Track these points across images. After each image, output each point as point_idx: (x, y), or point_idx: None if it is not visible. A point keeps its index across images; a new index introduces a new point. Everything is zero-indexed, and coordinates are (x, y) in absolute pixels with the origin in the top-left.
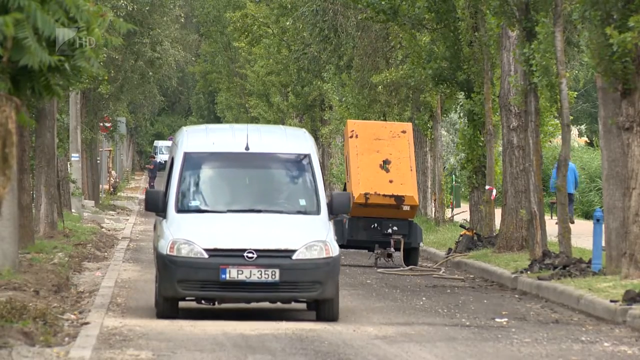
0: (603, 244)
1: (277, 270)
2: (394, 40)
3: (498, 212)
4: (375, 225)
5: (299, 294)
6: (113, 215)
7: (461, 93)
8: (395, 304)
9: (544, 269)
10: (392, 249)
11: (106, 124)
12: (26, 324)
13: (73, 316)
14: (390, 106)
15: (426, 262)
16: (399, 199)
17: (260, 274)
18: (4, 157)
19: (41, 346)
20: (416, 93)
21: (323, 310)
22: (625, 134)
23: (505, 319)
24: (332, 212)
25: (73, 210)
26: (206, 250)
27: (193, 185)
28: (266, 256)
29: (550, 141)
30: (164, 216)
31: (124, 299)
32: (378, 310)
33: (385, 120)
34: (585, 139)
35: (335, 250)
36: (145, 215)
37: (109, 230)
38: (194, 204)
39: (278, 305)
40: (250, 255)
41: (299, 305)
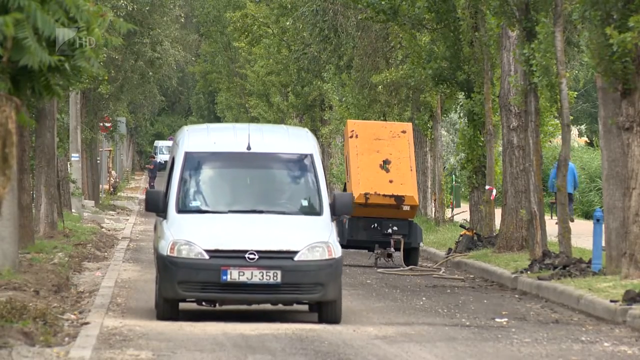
0: (603, 244)
1: (279, 272)
2: (394, 40)
3: (498, 212)
4: (375, 225)
5: (300, 295)
6: (113, 215)
7: (461, 93)
8: (395, 304)
9: (544, 269)
10: (392, 249)
11: (106, 124)
12: (26, 324)
13: (73, 316)
14: (390, 106)
15: (426, 262)
16: (399, 199)
17: (262, 276)
18: (4, 157)
19: (41, 346)
20: (416, 93)
21: (325, 312)
22: (625, 134)
23: (505, 319)
24: (335, 213)
25: (73, 210)
26: (207, 251)
27: (194, 185)
28: (268, 257)
29: (550, 141)
30: (165, 216)
31: (124, 299)
32: (378, 310)
33: (385, 120)
34: (585, 139)
35: (337, 252)
36: (145, 215)
37: (109, 230)
38: (194, 204)
39: (279, 307)
40: (251, 256)
41: (300, 307)
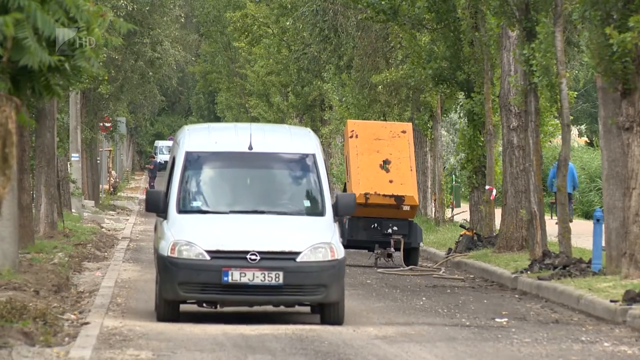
0: (603, 244)
1: (281, 273)
2: (394, 40)
3: (498, 212)
4: (375, 225)
5: (303, 297)
6: (113, 215)
7: (461, 93)
8: (395, 304)
9: (544, 269)
10: (392, 249)
11: (106, 124)
12: (26, 324)
13: (73, 316)
14: (390, 106)
15: (426, 262)
16: (399, 199)
17: (264, 277)
18: (4, 157)
19: (41, 346)
20: (416, 93)
21: (328, 313)
22: (625, 134)
23: (505, 319)
24: (338, 214)
25: (73, 210)
26: (208, 252)
27: (195, 185)
28: (270, 258)
29: (550, 141)
30: (165, 217)
31: (124, 299)
32: (378, 310)
33: (385, 120)
34: (585, 139)
35: (340, 253)
36: (145, 216)
37: (109, 230)
38: (195, 204)
39: (281, 309)
40: (253, 257)
41: (302, 309)
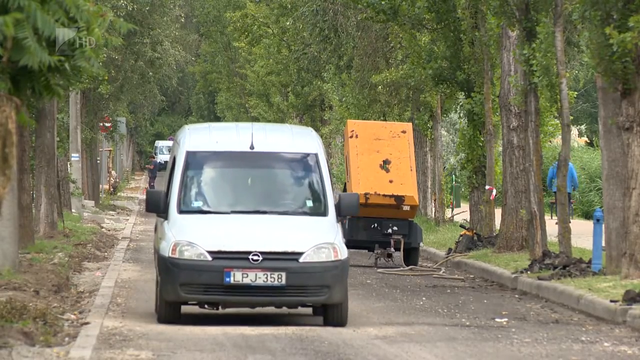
0: (603, 244)
1: (284, 274)
2: (394, 40)
3: (498, 212)
4: (375, 225)
5: (306, 298)
6: (113, 215)
7: (461, 93)
8: (395, 304)
9: (544, 269)
10: (392, 249)
11: (106, 124)
12: (26, 324)
13: (73, 316)
14: (390, 106)
15: (426, 262)
16: (399, 199)
17: (266, 278)
18: (4, 157)
19: (41, 346)
20: (416, 93)
21: (331, 315)
22: (625, 134)
23: (505, 319)
24: (340, 214)
25: (73, 210)
26: (210, 252)
27: (196, 185)
28: (272, 259)
29: (550, 141)
30: (166, 217)
31: (124, 299)
32: (378, 310)
33: (385, 120)
34: (585, 139)
35: (344, 253)
36: (145, 216)
37: (109, 230)
38: (196, 204)
39: (283, 310)
40: (255, 257)
41: (304, 310)
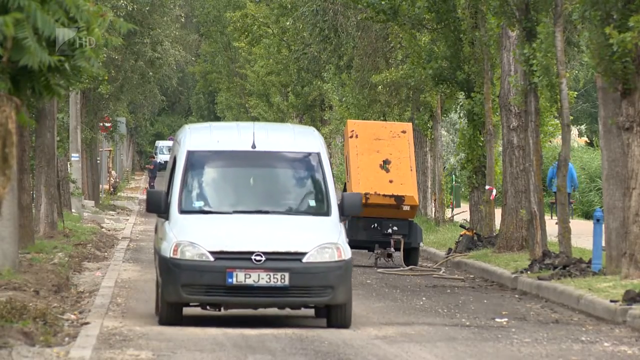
0: (603, 244)
1: (287, 274)
2: (394, 40)
3: (498, 212)
4: (375, 225)
5: (309, 299)
6: (113, 215)
7: (461, 93)
8: (395, 304)
9: (544, 269)
10: (392, 249)
11: (106, 124)
12: (26, 324)
13: (73, 316)
14: (390, 106)
15: (426, 262)
16: (399, 199)
17: (269, 278)
18: (4, 157)
19: (41, 346)
20: (416, 93)
21: (335, 316)
22: (625, 134)
23: (505, 319)
24: (343, 214)
25: (73, 210)
26: (212, 252)
27: (197, 185)
28: (275, 259)
29: (550, 141)
30: (167, 217)
31: (124, 299)
32: (378, 310)
33: (385, 120)
34: (585, 139)
35: (347, 253)
36: (145, 216)
37: (109, 230)
38: (198, 204)
39: (284, 312)
40: (258, 258)
41: (306, 312)
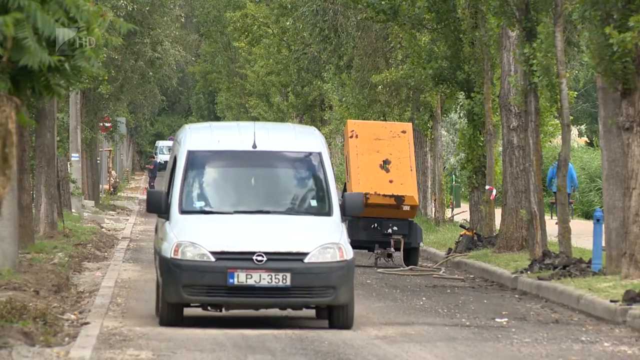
0: (603, 244)
1: (288, 275)
2: (394, 40)
3: (498, 212)
4: (375, 225)
5: (311, 299)
6: (113, 215)
7: (461, 93)
8: (395, 304)
9: (544, 269)
10: (392, 249)
11: (106, 124)
12: (26, 324)
13: (73, 316)
14: (390, 106)
15: (426, 262)
16: (399, 199)
17: (271, 279)
18: (4, 157)
19: (41, 346)
20: (416, 93)
21: (336, 317)
22: (625, 134)
23: (505, 319)
24: (345, 213)
25: (73, 210)
26: (213, 253)
27: (197, 185)
28: (276, 259)
29: (550, 141)
30: (167, 217)
31: (124, 299)
32: (378, 310)
33: (385, 120)
34: (585, 139)
35: (349, 253)
36: (145, 216)
37: (109, 230)
38: (198, 204)
39: (285, 313)
40: (259, 258)
41: (307, 312)
